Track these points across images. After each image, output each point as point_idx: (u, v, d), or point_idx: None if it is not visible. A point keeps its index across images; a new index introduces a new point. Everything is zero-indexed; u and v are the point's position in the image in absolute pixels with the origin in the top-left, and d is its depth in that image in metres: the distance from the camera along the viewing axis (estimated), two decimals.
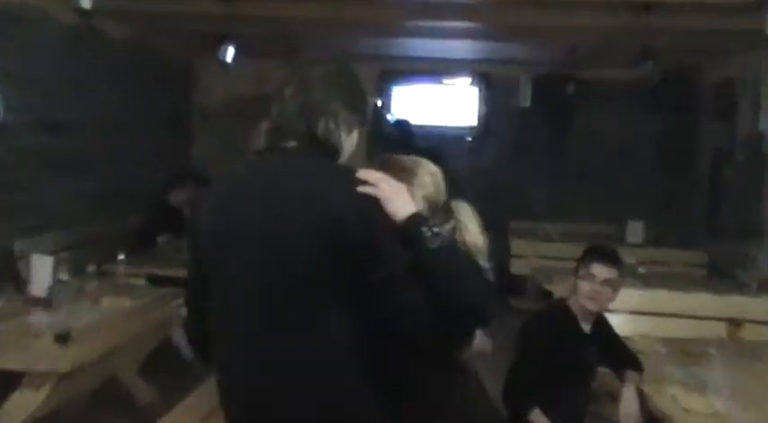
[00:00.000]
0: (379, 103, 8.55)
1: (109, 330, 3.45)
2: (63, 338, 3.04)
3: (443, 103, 8.66)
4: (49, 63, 5.37)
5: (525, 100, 8.08)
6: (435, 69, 8.41)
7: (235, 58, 5.81)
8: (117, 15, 5.84)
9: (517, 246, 7.16)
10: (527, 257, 6.94)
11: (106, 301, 3.88)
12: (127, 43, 6.56)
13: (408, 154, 1.95)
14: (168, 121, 7.75)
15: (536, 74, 7.99)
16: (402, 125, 8.26)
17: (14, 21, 4.99)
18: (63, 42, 5.54)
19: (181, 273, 5.01)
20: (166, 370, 4.41)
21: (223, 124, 8.10)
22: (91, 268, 4.32)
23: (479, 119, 8.62)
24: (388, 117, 8.63)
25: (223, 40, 5.71)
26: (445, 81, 8.69)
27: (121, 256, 4.61)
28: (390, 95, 8.74)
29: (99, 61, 6.09)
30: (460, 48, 7.24)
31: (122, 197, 6.47)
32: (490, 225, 2.00)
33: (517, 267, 6.91)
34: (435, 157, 2.08)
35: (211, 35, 5.76)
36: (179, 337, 4.42)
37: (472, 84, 8.66)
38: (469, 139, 8.59)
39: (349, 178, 1.53)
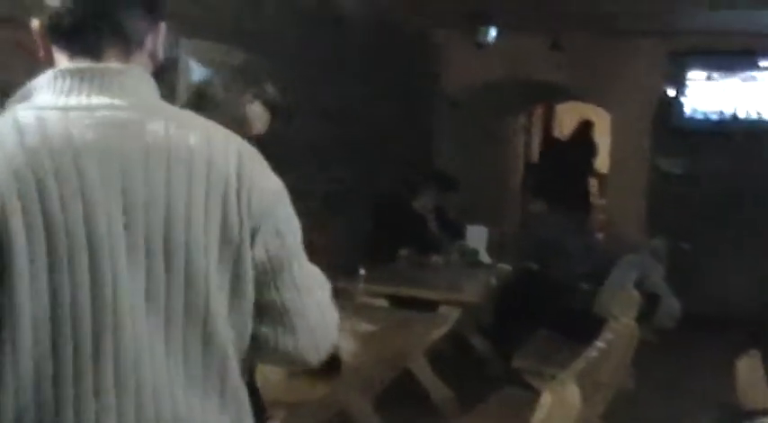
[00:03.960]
0: (672, 94, 8.11)
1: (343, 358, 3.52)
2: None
3: (760, 93, 8.02)
4: (282, 47, 5.68)
5: None
6: (749, 48, 7.80)
7: (493, 38, 5.79)
8: None
9: None
10: None
11: (342, 324, 3.98)
12: (368, 24, 6.78)
13: None
14: (410, 110, 7.86)
15: None
16: None
17: (249, 3, 5.34)
18: (302, 25, 5.83)
19: (426, 293, 5.05)
20: (403, 404, 4.46)
21: (474, 113, 8.12)
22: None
23: None
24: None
25: (479, 16, 5.71)
26: (763, 63, 8.04)
27: (362, 271, 4.66)
28: (684, 84, 8.25)
29: (336, 44, 6.33)
30: None
31: (353, 197, 6.59)
32: None
33: None
34: None
35: (466, 11, 5.79)
36: None
37: None
38: None
39: None
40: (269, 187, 1.38)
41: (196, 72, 5.04)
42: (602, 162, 10.16)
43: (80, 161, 1.27)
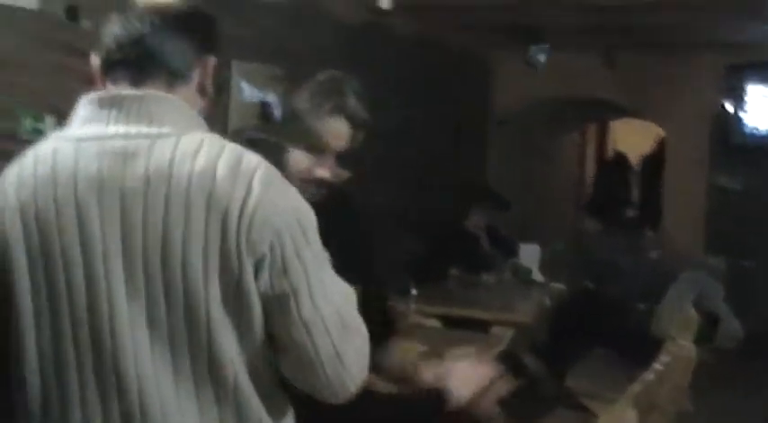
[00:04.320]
0: (730, 108, 7.95)
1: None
2: None
3: None
4: (331, 66, 5.70)
5: None
6: None
7: (545, 56, 5.76)
8: (413, 11, 6.05)
9: None
10: None
11: (393, 344, 3.96)
12: (417, 42, 6.79)
13: None
14: (457, 128, 7.84)
15: None
16: None
17: (299, 21, 5.38)
18: (349, 44, 5.86)
19: (479, 313, 5.00)
20: None
21: (524, 131, 8.07)
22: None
23: None
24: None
25: (530, 34, 5.69)
26: None
27: (414, 291, 4.64)
28: (742, 98, 8.07)
29: (385, 62, 6.35)
30: None
31: (405, 216, 6.58)
32: None
33: None
34: None
35: (516, 29, 5.77)
36: None
37: None
38: None
39: None
40: (278, 217, 1.30)
41: (247, 92, 5.09)
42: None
43: (81, 194, 1.31)
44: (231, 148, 1.33)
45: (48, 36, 3.50)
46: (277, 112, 5.45)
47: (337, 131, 2.01)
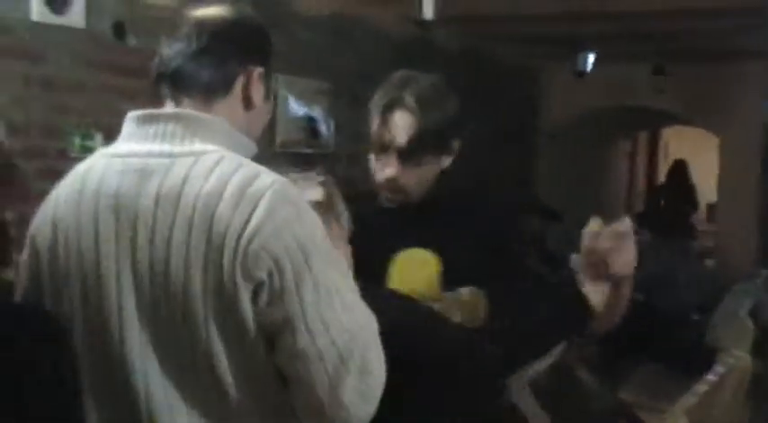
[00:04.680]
0: None
1: None
2: None
3: None
4: (376, 80, 5.72)
5: None
6: None
7: (593, 66, 5.71)
8: (458, 23, 6.05)
9: None
10: None
11: None
12: (463, 54, 6.78)
13: None
14: (507, 141, 7.81)
15: None
16: None
17: (343, 35, 5.40)
18: (394, 57, 5.87)
19: None
20: None
21: (575, 142, 7.99)
22: None
23: None
24: None
25: (578, 44, 5.65)
26: None
27: None
28: None
29: (430, 75, 6.34)
30: None
31: None
32: None
33: None
34: None
35: (564, 39, 5.73)
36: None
37: None
38: None
39: None
40: (278, 243, 1.25)
41: (293, 107, 5.13)
42: (709, 189, 9.85)
43: (101, 211, 1.32)
44: (246, 169, 1.29)
45: (96, 55, 3.56)
46: (323, 128, 5.49)
47: (395, 126, 1.89)
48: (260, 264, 1.24)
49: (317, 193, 1.53)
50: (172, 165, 1.30)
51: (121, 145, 1.38)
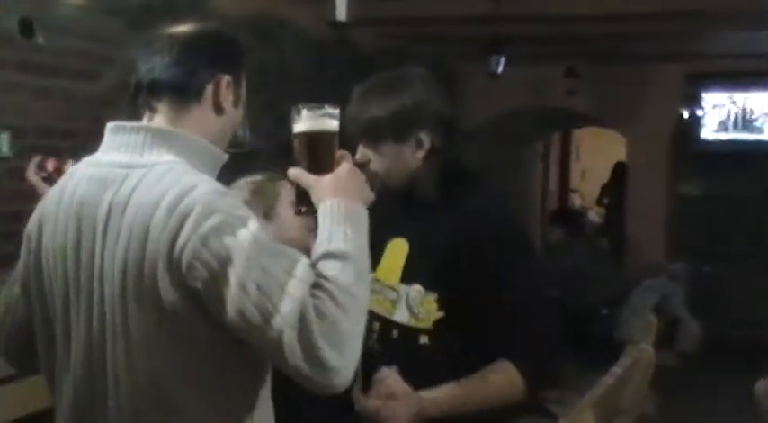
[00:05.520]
0: (686, 115, 8.07)
1: None
2: None
3: None
4: (294, 80, 5.71)
5: None
6: (764, 70, 7.75)
7: (505, 68, 5.78)
8: (373, 24, 6.08)
9: None
10: None
11: None
12: (380, 55, 6.81)
13: None
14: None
15: None
16: None
17: (263, 35, 5.37)
18: (310, 58, 5.87)
19: None
20: None
21: (492, 142, 8.09)
22: None
23: None
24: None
25: (492, 46, 5.71)
26: None
27: None
28: (702, 106, 8.19)
29: (349, 76, 6.35)
30: None
31: None
32: None
33: None
34: None
35: (478, 41, 5.79)
36: None
37: None
38: None
39: None
40: (209, 252, 1.27)
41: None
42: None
43: (70, 217, 1.41)
44: (185, 183, 1.33)
45: (2, 53, 3.47)
46: (242, 132, 5.44)
47: (360, 111, 2.04)
48: (194, 273, 1.28)
49: (243, 194, 1.90)
50: (127, 176, 1.38)
51: (99, 154, 1.47)
